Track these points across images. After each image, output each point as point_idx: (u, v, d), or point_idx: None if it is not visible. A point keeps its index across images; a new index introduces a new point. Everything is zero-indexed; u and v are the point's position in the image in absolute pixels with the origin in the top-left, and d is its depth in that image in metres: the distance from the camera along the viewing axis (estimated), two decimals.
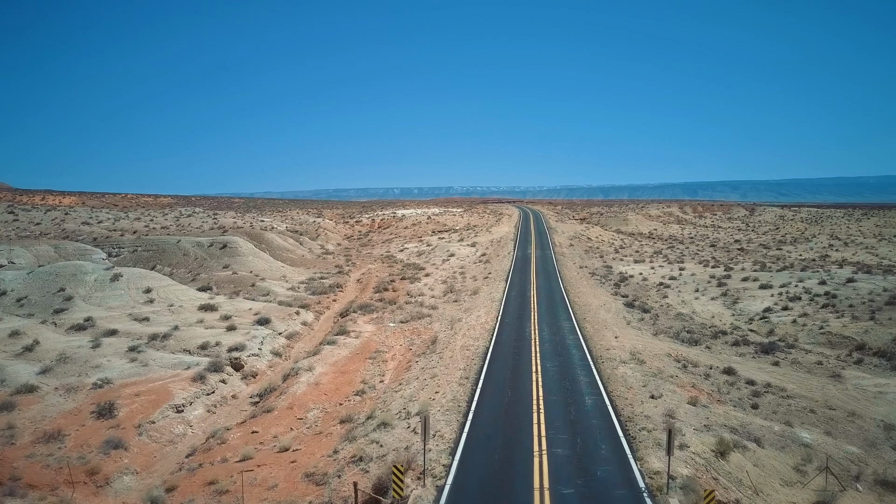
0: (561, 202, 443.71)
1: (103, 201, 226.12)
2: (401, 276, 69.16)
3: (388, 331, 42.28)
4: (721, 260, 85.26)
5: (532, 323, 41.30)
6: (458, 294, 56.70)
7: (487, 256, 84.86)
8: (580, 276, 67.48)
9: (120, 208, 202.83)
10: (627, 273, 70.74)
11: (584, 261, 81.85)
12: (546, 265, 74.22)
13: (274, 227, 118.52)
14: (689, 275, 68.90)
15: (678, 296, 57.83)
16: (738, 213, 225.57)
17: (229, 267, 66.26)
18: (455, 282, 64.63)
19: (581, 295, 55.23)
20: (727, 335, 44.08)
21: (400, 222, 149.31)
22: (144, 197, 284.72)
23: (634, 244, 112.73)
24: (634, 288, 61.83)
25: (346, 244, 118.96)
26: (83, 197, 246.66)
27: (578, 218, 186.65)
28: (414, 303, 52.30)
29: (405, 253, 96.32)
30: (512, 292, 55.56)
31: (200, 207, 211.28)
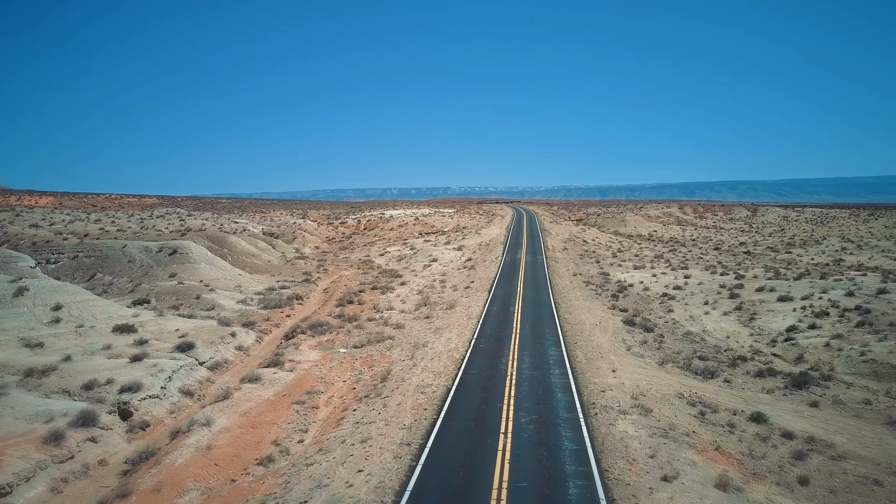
0: (558, 202, 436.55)
1: (83, 202, 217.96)
2: (372, 286, 61.48)
3: (335, 359, 34.62)
4: (729, 265, 77.67)
5: (511, 350, 33.66)
6: (433, 308, 49.08)
7: (473, 262, 77.24)
8: (573, 286, 59.79)
9: (99, 209, 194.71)
10: (626, 281, 63.09)
11: (578, 267, 74.17)
12: (536, 273, 66.55)
13: (247, 229, 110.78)
14: (695, 283, 61.28)
15: (685, 309, 50.21)
16: (740, 213, 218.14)
17: (177, 276, 58.49)
18: (432, 292, 56.99)
19: (573, 310, 47.58)
20: (748, 362, 36.49)
21: (386, 224, 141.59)
22: (129, 197, 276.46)
23: (634, 247, 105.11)
24: (635, 300, 54.18)
25: (326, 247, 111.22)
26: (62, 197, 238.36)
27: (575, 219, 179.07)
28: (378, 320, 44.65)
29: (385, 257, 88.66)
30: (494, 307, 47.91)
31: (184, 208, 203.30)
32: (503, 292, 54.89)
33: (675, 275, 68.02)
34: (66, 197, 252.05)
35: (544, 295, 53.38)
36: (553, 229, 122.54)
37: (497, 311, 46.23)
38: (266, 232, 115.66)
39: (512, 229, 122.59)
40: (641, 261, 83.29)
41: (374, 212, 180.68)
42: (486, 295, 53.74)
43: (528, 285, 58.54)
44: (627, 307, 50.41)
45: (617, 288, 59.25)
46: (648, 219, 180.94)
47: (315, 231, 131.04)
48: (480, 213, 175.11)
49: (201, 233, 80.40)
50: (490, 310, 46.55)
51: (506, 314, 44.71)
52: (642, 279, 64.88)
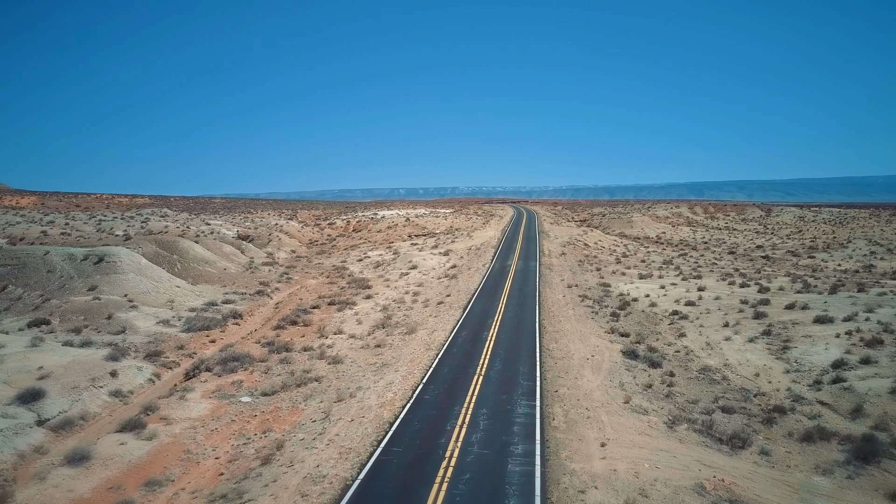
0: (564, 202, 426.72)
1: (69, 202, 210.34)
2: (331, 300, 52.38)
3: (229, 414, 25.52)
4: (748, 273, 68.03)
5: (465, 406, 24.49)
6: (390, 332, 39.94)
7: (458, 269, 68.00)
8: (566, 302, 50.39)
9: (82, 209, 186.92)
10: (630, 295, 53.64)
11: (575, 276, 64.71)
12: (525, 284, 57.22)
13: (218, 231, 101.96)
14: (711, 298, 51.74)
15: (700, 333, 40.74)
16: (753, 213, 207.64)
17: (97, 289, 49.59)
18: (399, 309, 47.86)
19: (562, 336, 38.25)
20: (788, 415, 27.21)
21: (375, 225, 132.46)
22: (121, 197, 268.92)
23: (640, 251, 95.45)
24: (639, 320, 44.75)
25: (305, 251, 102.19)
26: (49, 197, 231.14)
27: (578, 220, 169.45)
28: (315, 350, 35.56)
29: (363, 263, 79.54)
30: (464, 331, 38.69)
31: (173, 208, 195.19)
32: (481, 310, 45.65)
33: (686, 286, 58.49)
34: (55, 197, 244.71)
35: (529, 314, 44.05)
36: (552, 231, 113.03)
37: (466, 337, 37.01)
38: (241, 235, 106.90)
39: (508, 231, 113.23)
40: (648, 268, 73.74)
41: (366, 212, 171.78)
42: (460, 313, 44.54)
43: (512, 301, 49.23)
44: (629, 331, 41.00)
45: (618, 304, 49.83)
46: (657, 219, 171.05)
47: (298, 233, 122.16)
48: (479, 214, 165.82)
49: (150, 237, 71.51)
50: (458, 336, 37.33)
51: (475, 342, 35.48)
52: (648, 291, 55.37)
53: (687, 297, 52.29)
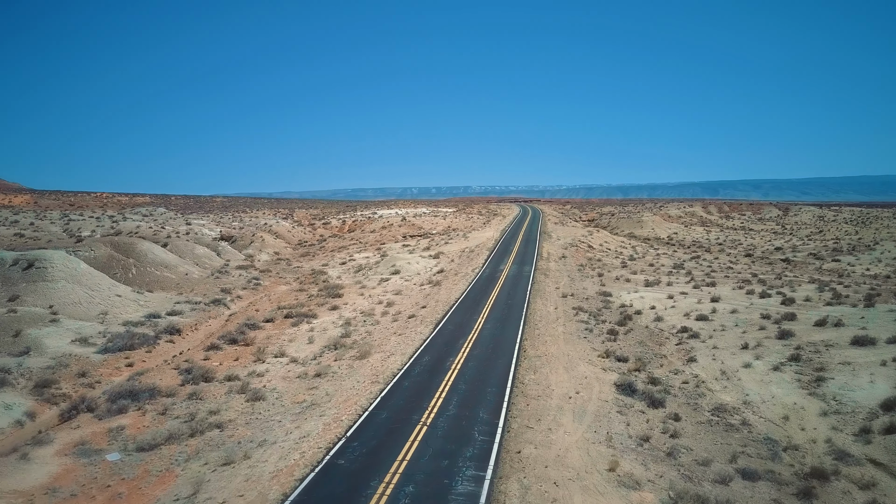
0: (575, 202, 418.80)
1: (60, 200, 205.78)
2: (287, 313, 45.86)
3: (80, 480, 19.02)
4: (767, 279, 60.73)
5: (386, 483, 17.70)
6: (340, 355, 33.37)
7: (444, 274, 61.31)
8: (558, 315, 43.49)
9: (75, 207, 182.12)
10: (632, 306, 46.65)
11: (573, 284, 57.75)
12: (514, 293, 50.43)
13: (197, 231, 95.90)
14: (726, 310, 44.63)
15: (714, 357, 33.70)
16: (770, 212, 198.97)
17: (18, 298, 43.43)
18: (361, 325, 41.29)
19: (544, 363, 31.42)
20: (830, 482, 20.42)
21: (370, 224, 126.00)
22: (120, 196, 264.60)
23: (649, 254, 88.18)
24: (640, 339, 37.79)
25: (290, 252, 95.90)
26: (42, 196, 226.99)
27: (586, 219, 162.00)
28: (238, 381, 29.08)
29: (345, 266, 73.09)
30: (425, 357, 31.98)
31: (170, 207, 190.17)
32: (455, 326, 38.89)
33: (698, 295, 51.37)
34: (53, 195, 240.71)
35: (510, 332, 37.21)
36: (556, 232, 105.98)
37: (426, 365, 30.28)
38: (223, 236, 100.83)
39: (508, 232, 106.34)
40: (656, 273, 66.56)
41: (365, 211, 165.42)
42: (430, 330, 37.84)
43: (494, 314, 42.42)
44: (628, 354, 34.05)
45: (618, 318, 42.88)
46: (668, 219, 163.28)
47: (287, 233, 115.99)
48: (481, 214, 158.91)
49: (106, 239, 65.47)
50: (416, 364, 30.62)
51: (435, 373, 28.75)
52: (654, 302, 48.35)
53: (698, 309, 45.20)
